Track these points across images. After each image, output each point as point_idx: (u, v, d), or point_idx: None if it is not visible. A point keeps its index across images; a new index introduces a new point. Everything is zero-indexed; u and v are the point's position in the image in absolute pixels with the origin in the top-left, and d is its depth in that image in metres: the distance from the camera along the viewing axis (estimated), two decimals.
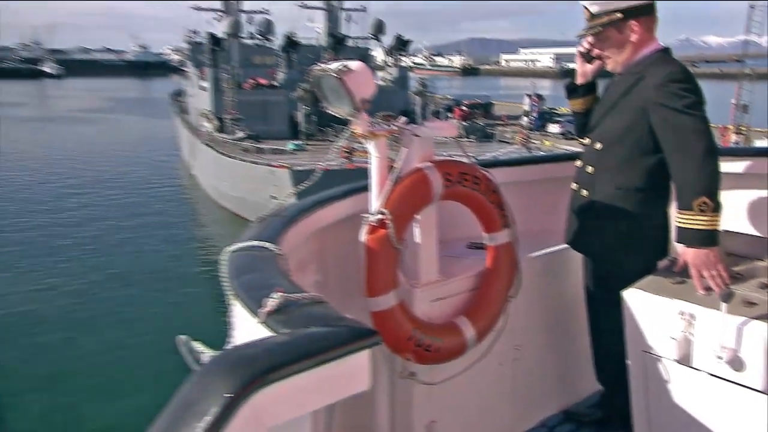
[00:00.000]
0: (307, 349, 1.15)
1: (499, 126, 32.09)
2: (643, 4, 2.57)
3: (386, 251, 2.26)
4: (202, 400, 0.94)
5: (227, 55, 35.22)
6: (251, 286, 1.57)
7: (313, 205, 2.47)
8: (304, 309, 1.38)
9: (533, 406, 3.08)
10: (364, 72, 2.20)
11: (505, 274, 2.63)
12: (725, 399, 2.11)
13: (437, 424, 2.61)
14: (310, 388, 1.14)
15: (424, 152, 2.44)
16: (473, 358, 2.53)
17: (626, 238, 2.65)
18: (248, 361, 1.06)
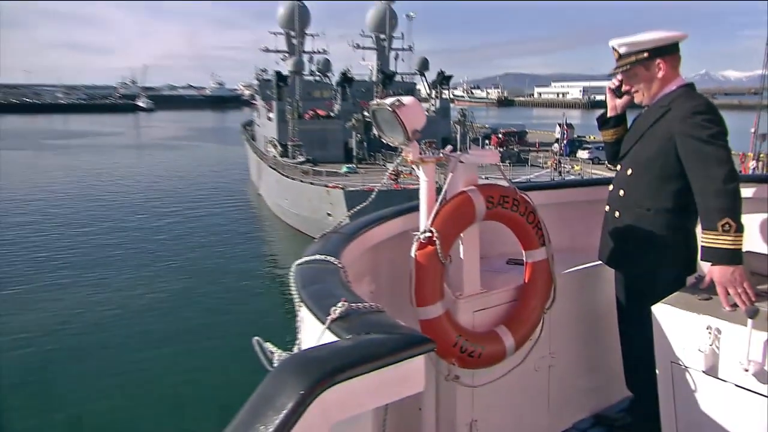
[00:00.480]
0: (370, 353, 1.16)
1: (532, 152, 31.61)
2: (667, 44, 2.59)
3: (433, 265, 2.25)
4: (278, 397, 0.97)
5: (291, 90, 35.36)
6: (317, 296, 1.59)
7: (368, 224, 2.48)
8: (365, 317, 1.38)
9: (566, 410, 3.01)
10: (415, 107, 2.23)
11: (541, 288, 2.60)
12: (751, 409, 2.05)
13: (478, 423, 2.59)
14: (371, 388, 1.14)
15: (468, 177, 2.45)
16: (512, 364, 2.51)
17: (656, 255, 2.62)
18: (318, 363, 1.07)
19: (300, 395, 0.96)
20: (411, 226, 2.50)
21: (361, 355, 1.12)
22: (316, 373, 1.02)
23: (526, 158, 31.82)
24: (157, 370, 14.07)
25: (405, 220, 2.62)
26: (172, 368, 14.11)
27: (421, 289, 2.25)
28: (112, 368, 14.14)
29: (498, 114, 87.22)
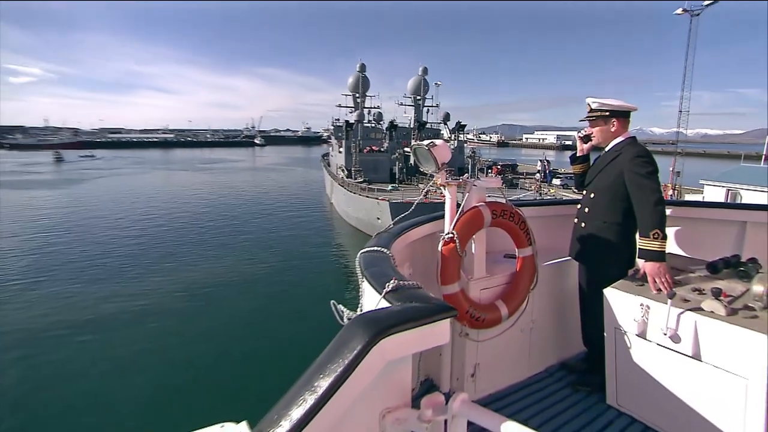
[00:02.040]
0: (413, 316, 1.20)
1: (521, 179, 31.14)
2: (623, 110, 2.66)
3: (453, 257, 2.30)
4: (351, 341, 1.07)
5: (355, 133, 35.46)
6: (375, 275, 1.59)
7: (408, 226, 2.50)
8: (409, 291, 1.40)
9: (541, 359, 3.02)
10: (444, 146, 2.27)
11: (528, 275, 2.63)
12: (667, 361, 2.15)
13: (480, 366, 2.61)
14: (413, 339, 1.19)
15: (479, 196, 2.48)
16: (505, 327, 2.55)
17: (608, 254, 2.64)
18: (379, 321, 1.14)
19: (366, 341, 1.05)
20: (437, 229, 2.58)
21: (407, 317, 1.18)
22: (377, 327, 1.09)
23: (517, 183, 31.37)
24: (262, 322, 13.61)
25: (433, 225, 2.66)
26: (272, 322, 13.64)
27: (445, 272, 2.29)
28: (239, 318, 13.88)
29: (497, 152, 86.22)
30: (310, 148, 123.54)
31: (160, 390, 9.95)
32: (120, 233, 25.07)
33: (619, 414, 2.44)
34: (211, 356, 11.47)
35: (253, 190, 44.25)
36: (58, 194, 40.99)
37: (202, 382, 10.23)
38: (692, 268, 2.58)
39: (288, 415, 0.96)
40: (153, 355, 11.47)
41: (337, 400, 0.99)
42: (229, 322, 13.52)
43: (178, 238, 24.01)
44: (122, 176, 57.28)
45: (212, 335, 12.62)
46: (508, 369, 2.80)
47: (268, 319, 13.79)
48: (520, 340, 2.81)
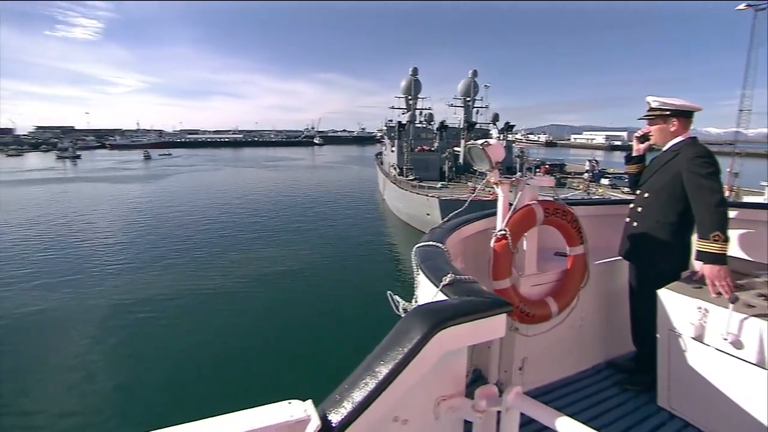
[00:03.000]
0: (470, 309, 1.19)
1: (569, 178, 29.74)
2: (685, 110, 2.50)
3: (506, 253, 2.24)
4: (411, 331, 1.07)
5: (407, 133, 35.34)
6: (432, 268, 1.56)
7: (461, 222, 2.47)
8: (465, 285, 1.38)
9: (588, 356, 2.89)
10: (498, 146, 2.22)
11: (579, 273, 2.53)
12: (727, 366, 2.00)
13: (528, 360, 2.53)
14: (469, 332, 1.17)
15: (532, 194, 2.39)
16: (554, 323, 2.47)
17: (661, 254, 2.49)
18: (437, 313, 1.13)
19: (426, 332, 1.05)
20: (490, 226, 2.50)
21: (465, 311, 1.16)
22: (436, 319, 1.09)
23: (565, 182, 29.94)
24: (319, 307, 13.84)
25: (485, 222, 2.60)
26: (328, 307, 13.85)
27: (497, 268, 2.23)
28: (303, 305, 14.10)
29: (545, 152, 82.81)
30: (364, 148, 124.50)
31: (230, 366, 10.34)
32: (195, 222, 26.50)
33: (672, 416, 2.31)
34: (274, 337, 11.83)
35: (312, 185, 45.25)
36: (146, 188, 44.15)
37: (269, 362, 10.51)
38: (756, 272, 2.38)
39: (350, 397, 0.99)
40: (223, 334, 11.99)
41: (396, 386, 1.01)
42: (288, 307, 13.89)
43: (245, 228, 25.05)
44: (198, 172, 60.59)
45: (273, 318, 13.04)
46: (555, 364, 2.71)
47: (325, 305, 14.04)
48: (569, 337, 2.70)
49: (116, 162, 76.84)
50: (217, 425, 0.92)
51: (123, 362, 10.60)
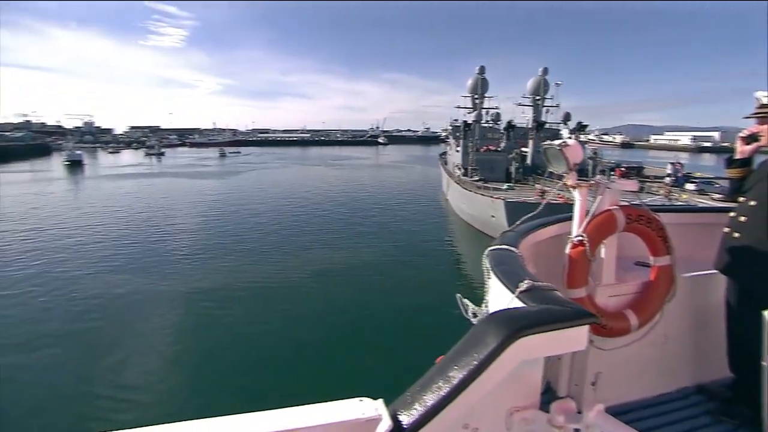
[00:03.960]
0: (552, 318, 1.14)
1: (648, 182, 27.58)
2: None
3: (582, 260, 2.12)
4: (487, 337, 1.03)
5: (472, 133, 34.65)
6: (506, 273, 1.51)
7: (535, 227, 2.41)
8: (544, 292, 1.33)
9: (674, 378, 2.62)
10: (576, 147, 2.11)
11: (663, 286, 2.32)
12: None
13: (602, 375, 2.37)
14: (548, 342, 1.13)
15: (612, 199, 2.25)
16: (634, 338, 2.28)
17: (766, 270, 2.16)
18: (516, 320, 1.09)
19: (503, 339, 1.01)
20: (564, 231, 2.39)
21: (545, 319, 1.11)
22: (515, 326, 1.05)
23: (643, 187, 27.86)
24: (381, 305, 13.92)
25: (560, 226, 2.51)
26: (391, 305, 13.89)
27: (572, 276, 2.12)
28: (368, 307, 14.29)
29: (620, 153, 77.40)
30: (428, 147, 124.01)
31: (294, 358, 10.66)
32: (265, 217, 27.75)
33: None
34: (336, 332, 12.04)
35: (376, 184, 45.98)
36: (220, 183, 47.28)
37: (332, 356, 10.66)
38: None
39: (422, 400, 0.99)
40: (288, 327, 12.42)
41: (470, 393, 1.00)
42: (350, 303, 14.10)
43: (310, 224, 25.88)
44: (268, 170, 63.72)
45: (336, 314, 13.28)
46: (633, 382, 2.52)
47: (386, 303, 14.10)
48: (650, 354, 2.49)
49: (195, 159, 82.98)
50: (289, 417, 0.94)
51: (194, 347, 11.31)
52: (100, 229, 24.66)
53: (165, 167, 67.88)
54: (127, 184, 45.59)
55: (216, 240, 22.30)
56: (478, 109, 39.03)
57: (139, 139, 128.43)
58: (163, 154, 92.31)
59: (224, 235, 23.41)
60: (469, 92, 39.91)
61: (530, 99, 36.81)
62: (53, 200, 35.68)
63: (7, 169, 62.05)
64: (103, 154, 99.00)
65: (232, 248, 20.58)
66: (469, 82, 39.43)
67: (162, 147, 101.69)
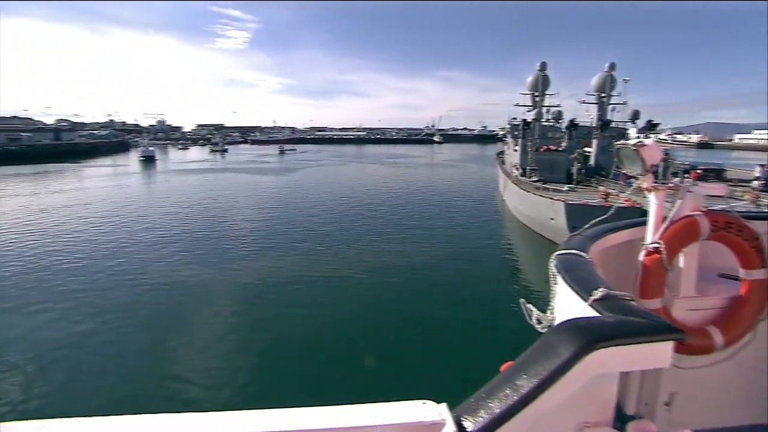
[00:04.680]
0: (631, 331, 1.06)
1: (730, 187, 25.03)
2: None
3: (658, 269, 1.95)
4: (559, 347, 0.98)
5: (532, 132, 33.46)
6: (578, 280, 1.42)
7: (604, 231, 2.25)
8: (621, 302, 1.24)
9: (763, 409, 2.24)
10: (654, 147, 1.97)
11: (757, 302, 2.06)
12: None
13: (677, 395, 2.18)
14: (627, 356, 1.06)
15: (694, 204, 2.07)
16: (718, 358, 2.05)
17: None
18: (591, 331, 1.03)
19: (577, 350, 0.96)
20: (637, 237, 2.24)
21: (625, 332, 1.04)
22: (591, 337, 0.99)
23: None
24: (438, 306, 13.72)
25: (632, 232, 2.33)
26: (443, 305, 13.66)
27: (645, 285, 1.97)
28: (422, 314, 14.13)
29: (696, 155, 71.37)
30: (485, 146, 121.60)
31: (351, 355, 10.68)
32: (321, 212, 28.46)
33: None
34: (391, 331, 12.02)
35: (431, 183, 45.81)
36: (279, 179, 49.06)
37: (387, 355, 10.55)
38: None
39: (488, 407, 0.95)
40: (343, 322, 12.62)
41: (539, 404, 0.95)
42: (404, 301, 14.08)
43: (365, 221, 26.20)
44: (325, 167, 65.41)
45: (390, 312, 13.33)
46: (716, 408, 2.29)
47: (441, 303, 13.91)
48: (738, 378, 2.26)
49: (255, 156, 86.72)
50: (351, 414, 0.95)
51: (251, 336, 11.75)
52: (168, 219, 26.39)
53: (228, 163, 71.58)
54: (193, 179, 48.60)
55: (274, 234, 23.13)
56: (539, 107, 37.61)
57: (205, 137, 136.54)
58: (227, 151, 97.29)
59: (282, 229, 24.24)
60: (529, 89, 38.57)
61: (595, 96, 34.95)
62: (129, 192, 38.95)
63: (94, 163, 68.45)
64: (173, 150, 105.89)
65: (289, 242, 21.26)
66: (530, 79, 38.08)
67: (225, 144, 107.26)
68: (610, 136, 32.16)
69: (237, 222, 26.14)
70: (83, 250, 19.54)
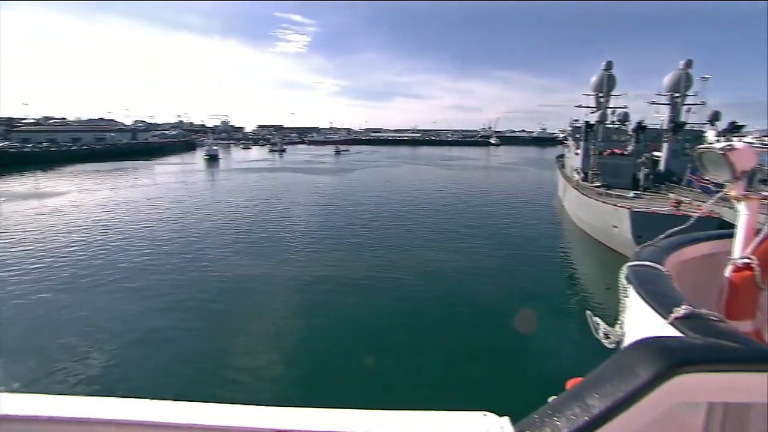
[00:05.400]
0: (724, 356, 0.95)
1: None
2: None
3: (749, 287, 1.73)
4: (637, 367, 0.88)
5: (595, 134, 31.90)
6: (656, 295, 1.30)
7: (682, 242, 2.07)
8: (708, 323, 1.13)
9: None
10: (747, 150, 1.74)
11: None
12: None
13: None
14: (717, 384, 0.94)
15: None
16: None
17: None
18: (677, 352, 0.93)
19: (659, 372, 0.85)
20: (719, 250, 2.03)
21: (716, 356, 0.93)
22: (675, 360, 0.89)
23: None
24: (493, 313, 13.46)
25: (714, 244, 2.12)
26: (501, 313, 13.30)
27: (733, 305, 1.74)
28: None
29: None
30: (543, 149, 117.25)
31: (406, 360, 10.63)
32: (374, 213, 28.76)
33: None
34: (444, 336, 11.81)
35: (486, 186, 44.89)
36: (335, 179, 50.15)
37: (440, 360, 10.37)
38: None
39: (554, 425, 0.89)
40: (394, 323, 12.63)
41: (612, 427, 0.87)
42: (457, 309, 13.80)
43: (417, 223, 26.14)
44: (379, 168, 65.98)
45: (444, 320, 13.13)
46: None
47: (496, 310, 13.55)
48: None
49: (312, 156, 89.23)
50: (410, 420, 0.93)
51: (306, 334, 12.03)
52: (229, 216, 27.78)
53: (286, 163, 74.17)
54: (253, 177, 50.93)
55: (328, 232, 23.69)
56: (603, 108, 35.73)
57: (265, 137, 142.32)
58: (285, 151, 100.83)
59: (336, 228, 24.74)
60: (592, 90, 36.74)
61: (667, 96, 32.59)
62: (193, 188, 41.51)
63: (164, 161, 73.65)
64: (236, 149, 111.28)
65: (343, 241, 21.65)
66: (593, 79, 36.26)
67: (284, 144, 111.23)
68: (684, 140, 29.92)
69: (293, 219, 27.01)
70: (153, 241, 21.04)
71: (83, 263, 17.77)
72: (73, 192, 37.79)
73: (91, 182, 44.83)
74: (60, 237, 21.92)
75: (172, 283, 15.57)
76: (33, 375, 9.72)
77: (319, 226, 25.19)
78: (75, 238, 21.60)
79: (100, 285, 15.33)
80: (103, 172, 54.49)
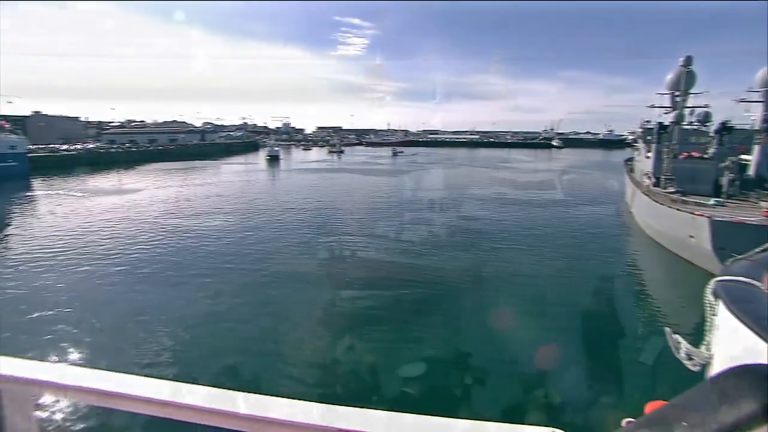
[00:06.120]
0: None
1: None
2: None
3: None
4: (739, 399, 0.71)
5: (669, 136, 29.70)
6: (757, 315, 1.17)
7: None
8: None
9: None
10: None
11: None
12: None
13: None
14: None
15: None
16: None
17: None
18: None
19: (765, 407, 0.68)
20: None
21: None
22: None
23: None
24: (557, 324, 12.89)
25: None
26: (565, 325, 12.63)
27: None
28: None
29: None
30: (610, 152, 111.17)
31: (470, 368, 10.44)
32: (429, 215, 28.76)
33: None
34: (512, 349, 11.28)
35: (547, 190, 43.37)
36: (391, 180, 50.66)
37: (509, 375, 10.03)
38: None
39: None
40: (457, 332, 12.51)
41: None
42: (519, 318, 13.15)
43: (472, 226, 25.74)
44: (436, 169, 65.78)
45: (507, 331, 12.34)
46: None
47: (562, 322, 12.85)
48: None
49: (369, 157, 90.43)
50: None
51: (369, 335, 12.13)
52: (289, 213, 28.79)
53: (344, 164, 75.87)
54: (312, 177, 52.64)
55: (384, 232, 23.88)
56: (679, 108, 33.07)
57: (324, 138, 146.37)
58: (343, 152, 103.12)
59: (390, 229, 24.87)
60: (667, 89, 34.16)
61: (761, 93, 29.53)
62: (255, 187, 43.59)
63: (231, 161, 78.14)
64: (297, 150, 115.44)
65: (400, 244, 21.76)
66: (669, 77, 33.67)
67: (342, 146, 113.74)
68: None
69: (350, 218, 27.49)
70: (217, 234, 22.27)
71: (160, 254, 19.17)
72: (150, 188, 41.03)
73: (166, 180, 48.47)
74: (135, 228, 23.87)
75: (232, 272, 16.40)
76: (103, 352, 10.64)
77: (375, 227, 25.47)
78: (154, 229, 23.40)
79: (170, 274, 16.46)
80: (176, 170, 58.62)
